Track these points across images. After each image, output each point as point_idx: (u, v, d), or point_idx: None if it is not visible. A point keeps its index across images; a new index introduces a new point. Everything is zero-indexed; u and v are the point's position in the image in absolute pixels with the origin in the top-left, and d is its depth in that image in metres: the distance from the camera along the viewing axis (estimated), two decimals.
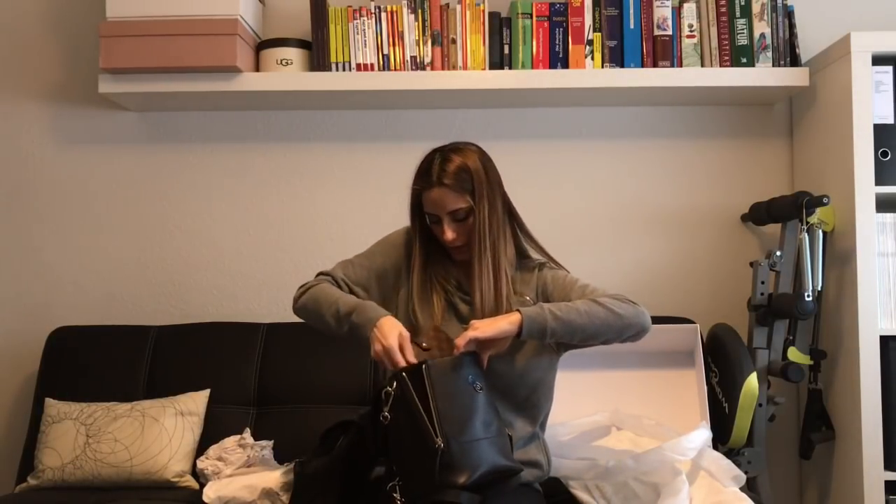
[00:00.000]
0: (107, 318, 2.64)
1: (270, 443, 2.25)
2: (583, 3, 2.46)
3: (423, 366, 1.62)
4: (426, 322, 1.82)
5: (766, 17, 2.45)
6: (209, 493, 2.01)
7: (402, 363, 1.65)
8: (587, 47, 2.47)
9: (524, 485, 1.83)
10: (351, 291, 1.88)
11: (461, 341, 1.67)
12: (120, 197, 2.68)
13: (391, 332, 1.68)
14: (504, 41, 2.49)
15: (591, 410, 2.22)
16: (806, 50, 2.53)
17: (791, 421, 2.57)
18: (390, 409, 1.63)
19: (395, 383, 1.63)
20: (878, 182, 2.24)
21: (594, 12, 2.47)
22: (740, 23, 2.46)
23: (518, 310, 1.70)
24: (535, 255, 1.93)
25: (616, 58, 2.47)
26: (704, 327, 2.43)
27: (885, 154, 2.26)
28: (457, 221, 1.80)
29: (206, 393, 2.34)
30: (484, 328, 1.67)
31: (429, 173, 1.80)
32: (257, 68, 2.51)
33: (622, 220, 2.65)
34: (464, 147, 1.84)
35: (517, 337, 1.70)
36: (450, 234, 1.79)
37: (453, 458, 1.55)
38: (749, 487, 2.20)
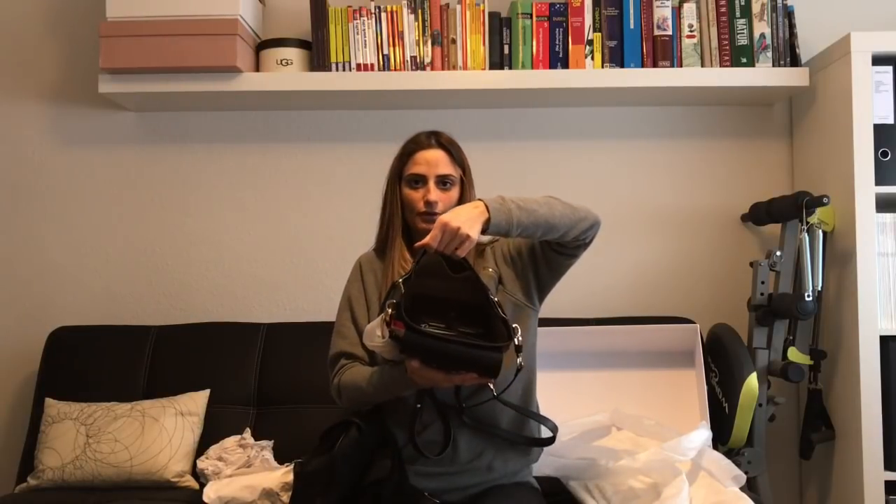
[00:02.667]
0: (107, 318, 2.64)
1: (270, 443, 2.25)
2: (583, 3, 2.46)
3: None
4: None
5: (766, 17, 2.45)
6: (209, 493, 2.02)
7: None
8: (587, 47, 2.47)
9: (521, 483, 1.84)
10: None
11: (429, 237, 1.60)
12: (120, 197, 2.68)
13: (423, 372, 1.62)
14: (504, 41, 2.49)
15: (591, 410, 2.22)
16: (806, 50, 2.53)
17: (791, 421, 2.57)
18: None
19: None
20: (878, 182, 2.24)
21: (594, 12, 2.47)
22: (740, 23, 2.46)
23: (480, 199, 1.66)
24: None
25: (616, 58, 2.47)
26: (704, 327, 2.43)
27: (885, 154, 2.26)
28: (440, 188, 1.82)
29: (206, 393, 2.34)
30: (450, 215, 1.60)
31: (424, 138, 1.85)
32: (257, 68, 2.51)
33: (622, 220, 2.65)
34: None
35: (484, 231, 1.63)
36: (433, 195, 1.80)
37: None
38: (749, 487, 2.20)
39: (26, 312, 2.67)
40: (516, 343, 1.62)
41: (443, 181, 1.82)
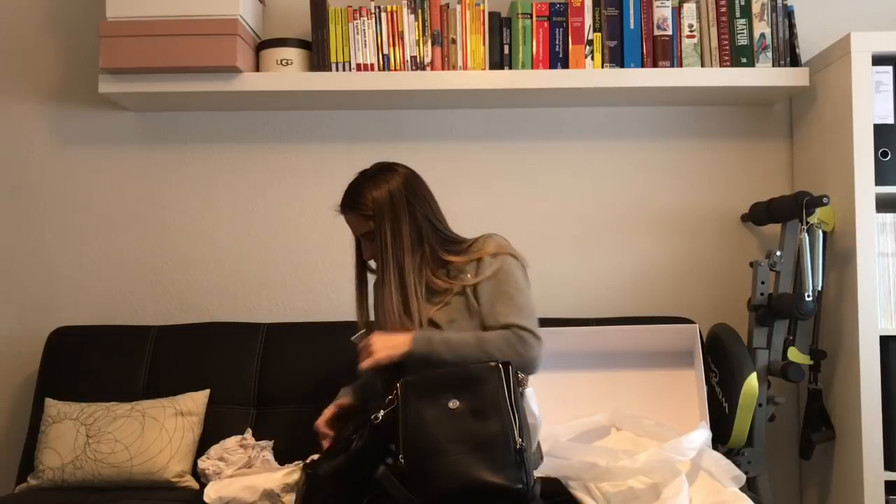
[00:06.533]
0: (107, 318, 2.64)
1: (271, 443, 2.25)
2: (583, 3, 2.46)
3: (402, 382, 1.71)
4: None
5: (766, 17, 2.45)
6: (210, 493, 2.02)
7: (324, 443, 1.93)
8: (587, 47, 2.47)
9: None
10: None
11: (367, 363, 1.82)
12: (120, 197, 2.68)
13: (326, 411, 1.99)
14: (504, 41, 2.49)
15: (591, 410, 2.22)
16: (806, 50, 2.53)
17: (791, 421, 2.57)
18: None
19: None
20: (878, 182, 2.24)
21: (594, 12, 2.47)
22: (740, 23, 2.46)
23: (414, 336, 1.81)
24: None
25: (616, 58, 2.47)
26: (704, 327, 2.43)
27: (885, 154, 2.26)
28: (371, 242, 1.89)
29: (206, 393, 2.34)
30: (379, 340, 1.82)
31: (342, 199, 1.93)
32: (257, 68, 2.51)
33: (622, 220, 2.65)
34: (377, 172, 1.93)
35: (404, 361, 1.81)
36: (366, 254, 1.92)
37: (412, 475, 1.63)
38: (749, 487, 2.20)
39: (26, 312, 2.67)
40: None
41: (367, 238, 1.89)
